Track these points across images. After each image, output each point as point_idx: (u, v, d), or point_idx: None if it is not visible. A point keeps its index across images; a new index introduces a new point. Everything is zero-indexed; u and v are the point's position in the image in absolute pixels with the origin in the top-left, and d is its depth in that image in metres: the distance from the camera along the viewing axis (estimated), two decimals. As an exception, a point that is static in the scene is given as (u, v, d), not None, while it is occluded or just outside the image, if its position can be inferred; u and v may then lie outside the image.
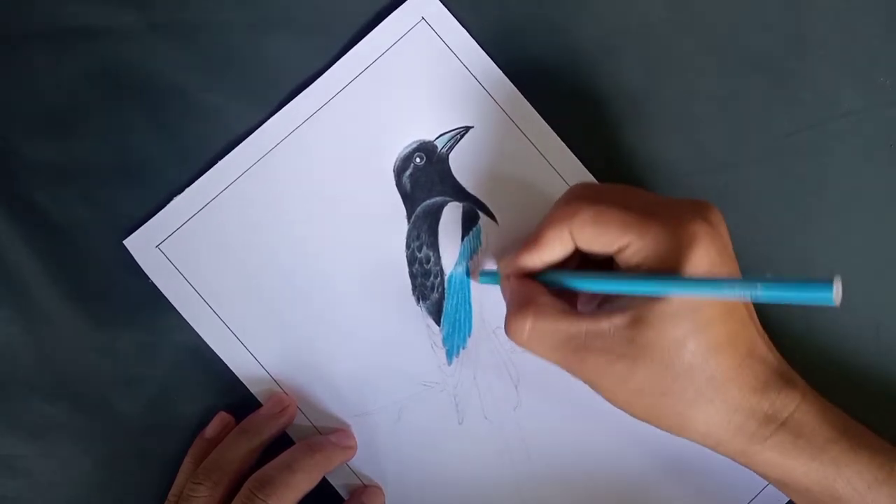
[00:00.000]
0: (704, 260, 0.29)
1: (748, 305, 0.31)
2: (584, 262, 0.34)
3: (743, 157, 0.39)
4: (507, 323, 0.33)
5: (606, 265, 0.33)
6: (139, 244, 0.39)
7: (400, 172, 0.39)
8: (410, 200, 0.39)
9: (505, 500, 0.39)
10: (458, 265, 0.39)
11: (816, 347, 0.39)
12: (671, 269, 0.29)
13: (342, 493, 0.39)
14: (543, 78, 0.39)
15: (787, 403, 0.31)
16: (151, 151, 0.39)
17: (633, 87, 0.39)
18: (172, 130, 0.39)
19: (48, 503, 0.39)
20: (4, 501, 0.39)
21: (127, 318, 0.39)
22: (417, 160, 0.39)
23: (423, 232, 0.39)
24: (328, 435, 0.38)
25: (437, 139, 0.39)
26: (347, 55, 0.39)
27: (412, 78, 0.39)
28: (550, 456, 0.39)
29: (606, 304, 0.32)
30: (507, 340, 0.39)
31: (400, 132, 0.39)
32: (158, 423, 0.39)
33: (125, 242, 0.39)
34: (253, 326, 0.39)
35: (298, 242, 0.39)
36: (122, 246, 0.39)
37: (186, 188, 0.39)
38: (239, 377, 0.39)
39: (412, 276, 0.39)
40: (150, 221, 0.39)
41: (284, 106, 0.39)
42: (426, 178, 0.39)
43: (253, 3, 0.39)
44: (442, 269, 0.39)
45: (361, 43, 0.39)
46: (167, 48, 0.39)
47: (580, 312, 0.32)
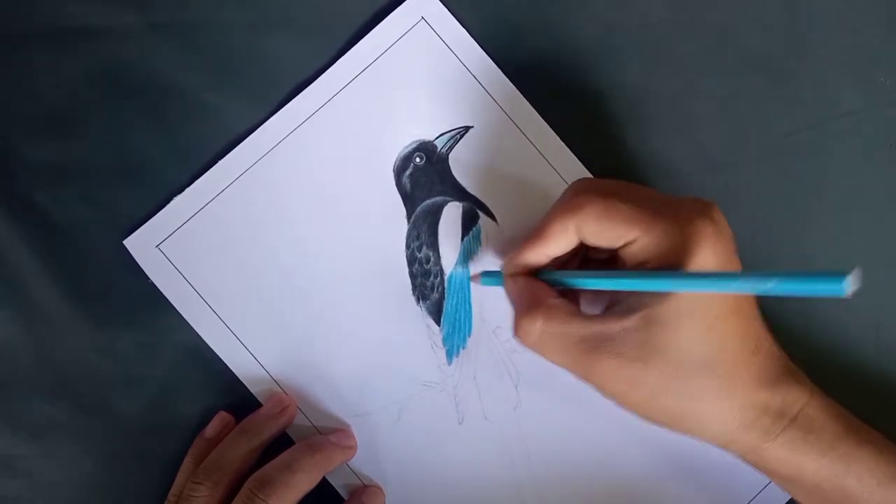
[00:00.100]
0: (710, 257, 0.29)
1: (752, 302, 0.31)
2: (584, 263, 0.34)
3: (743, 157, 0.39)
4: (515, 325, 0.32)
5: (609, 265, 0.33)
6: (139, 244, 0.39)
7: (400, 172, 0.39)
8: (410, 200, 0.39)
9: (505, 499, 0.39)
10: (457, 265, 0.39)
11: (816, 347, 0.39)
12: (677, 265, 0.29)
13: (342, 493, 0.39)
14: (543, 77, 0.39)
15: (797, 398, 0.31)
16: (151, 151, 0.39)
17: (632, 86, 0.39)
18: (172, 130, 0.39)
19: (48, 503, 0.39)
20: (4, 501, 0.39)
21: (127, 318, 0.39)
22: (417, 160, 0.39)
23: (422, 232, 0.39)
24: (328, 435, 0.38)
25: (436, 139, 0.39)
26: (347, 55, 0.39)
27: (412, 78, 0.39)
28: (550, 455, 0.39)
29: (615, 306, 0.31)
30: (507, 340, 0.39)
31: (400, 132, 0.39)
32: (158, 423, 0.39)
33: (125, 242, 0.39)
34: (253, 326, 0.39)
35: (298, 242, 0.39)
36: (122, 246, 0.39)
37: (186, 188, 0.39)
38: (239, 377, 0.39)
39: (412, 275, 0.39)
40: (150, 221, 0.39)
41: (284, 106, 0.39)
42: (426, 177, 0.39)
43: (253, 3, 0.39)
44: (442, 268, 0.39)
45: (361, 43, 0.39)
46: (167, 48, 0.39)
47: (588, 315, 0.32)
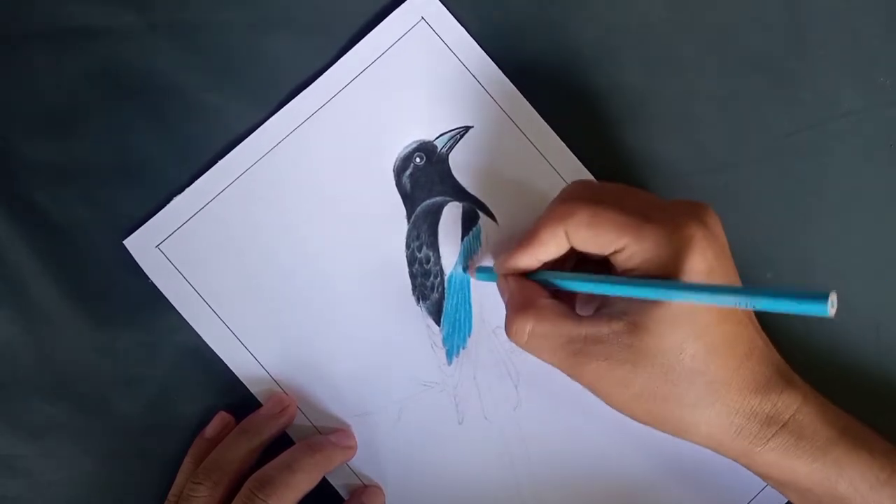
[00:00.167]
0: (701, 263, 0.29)
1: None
2: (581, 260, 0.34)
3: (743, 157, 0.39)
4: (507, 324, 0.33)
5: (604, 264, 0.33)
6: (139, 244, 0.39)
7: (400, 172, 0.39)
8: (410, 200, 0.39)
9: (505, 499, 0.39)
10: (457, 265, 0.39)
11: (816, 348, 0.39)
12: (668, 272, 0.29)
13: (342, 493, 0.39)
14: (543, 78, 0.39)
15: (788, 404, 0.31)
16: (151, 151, 0.39)
17: (632, 87, 0.39)
18: (172, 130, 0.39)
19: (48, 503, 0.40)
20: (4, 501, 0.39)
21: (127, 318, 0.39)
22: (417, 160, 0.39)
23: (422, 232, 0.39)
24: (328, 435, 0.38)
25: (436, 139, 0.39)
26: (347, 55, 0.39)
27: (412, 78, 0.39)
28: (550, 455, 0.39)
29: (605, 307, 0.31)
30: (506, 340, 0.39)
31: (400, 132, 0.39)
32: (158, 423, 0.39)
33: (125, 242, 0.39)
34: (253, 326, 0.39)
35: (298, 242, 0.39)
36: (122, 246, 0.39)
37: (186, 188, 0.39)
38: (239, 377, 0.39)
39: (412, 276, 0.39)
40: (150, 221, 0.39)
41: (284, 106, 0.39)
42: (426, 177, 0.39)
43: (253, 3, 0.39)
44: (442, 269, 0.39)
45: (361, 43, 0.39)
46: (167, 48, 0.39)
47: (580, 316, 0.32)
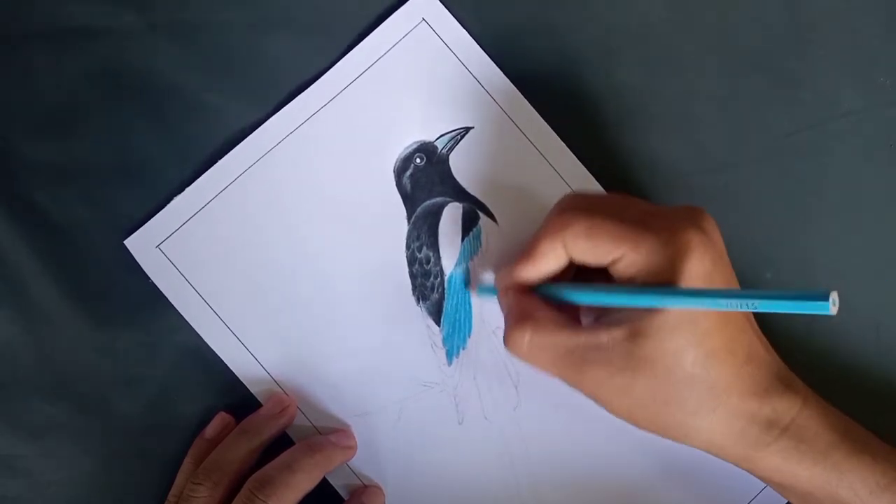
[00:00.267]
0: (699, 269, 0.29)
1: (744, 313, 0.31)
2: (581, 271, 0.34)
3: (743, 157, 0.39)
4: (505, 337, 0.33)
5: (604, 274, 0.33)
6: (139, 244, 0.39)
7: (400, 173, 0.39)
8: (411, 201, 0.39)
9: (505, 499, 0.39)
10: (458, 266, 0.39)
11: (816, 348, 0.39)
12: (666, 279, 0.29)
13: (342, 493, 0.39)
14: (543, 78, 0.39)
15: (788, 408, 0.31)
16: (151, 151, 0.39)
17: (633, 87, 0.39)
18: (172, 130, 0.39)
19: (48, 503, 0.39)
20: (4, 501, 0.39)
21: (127, 318, 0.39)
22: (418, 161, 0.39)
23: (423, 232, 0.39)
24: (328, 435, 0.38)
25: (437, 140, 0.39)
26: (348, 56, 0.39)
27: (412, 78, 0.39)
28: (550, 456, 0.39)
29: (604, 316, 0.32)
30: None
31: (400, 133, 0.39)
32: (158, 423, 0.39)
33: (125, 242, 0.39)
34: (253, 326, 0.39)
35: (298, 242, 0.39)
36: (122, 246, 0.39)
37: (186, 188, 0.39)
38: (239, 377, 0.39)
39: (412, 276, 0.39)
40: (150, 221, 0.39)
41: (284, 106, 0.39)
42: (426, 178, 0.39)
43: (253, 3, 0.39)
44: (442, 269, 0.39)
45: (362, 43, 0.39)
46: (167, 48, 0.39)
47: (579, 325, 0.32)
